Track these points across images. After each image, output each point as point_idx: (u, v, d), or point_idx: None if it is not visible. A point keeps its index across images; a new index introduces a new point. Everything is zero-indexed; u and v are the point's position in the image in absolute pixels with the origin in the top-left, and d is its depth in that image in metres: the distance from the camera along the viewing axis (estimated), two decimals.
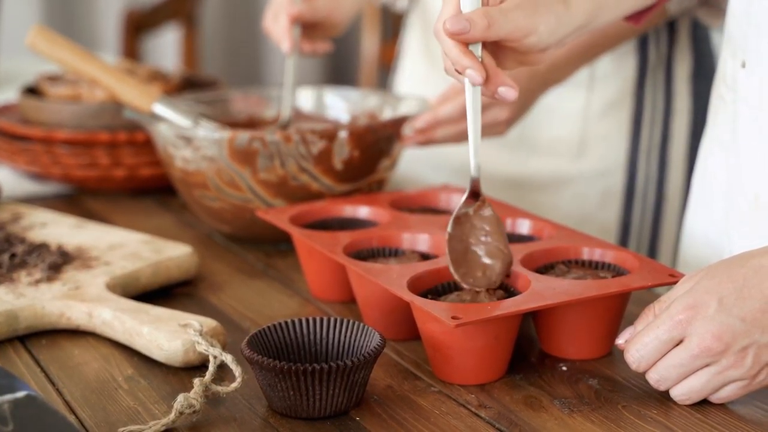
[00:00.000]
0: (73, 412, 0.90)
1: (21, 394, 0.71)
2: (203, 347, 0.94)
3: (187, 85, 1.63)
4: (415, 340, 1.02)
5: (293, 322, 0.93)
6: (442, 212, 1.20)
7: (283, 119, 1.43)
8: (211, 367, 0.91)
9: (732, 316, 0.85)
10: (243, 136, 1.22)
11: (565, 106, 1.54)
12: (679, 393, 0.89)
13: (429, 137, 1.33)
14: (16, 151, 1.51)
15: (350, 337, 0.93)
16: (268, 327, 0.92)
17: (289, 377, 0.86)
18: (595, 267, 1.03)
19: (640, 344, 0.89)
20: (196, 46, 3.20)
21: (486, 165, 1.57)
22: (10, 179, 1.52)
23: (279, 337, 0.93)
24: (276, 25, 1.46)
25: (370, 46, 3.16)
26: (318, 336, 0.93)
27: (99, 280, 1.10)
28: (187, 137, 1.25)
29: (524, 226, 1.13)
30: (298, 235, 1.12)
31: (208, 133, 1.24)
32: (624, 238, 1.56)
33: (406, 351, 1.01)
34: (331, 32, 1.51)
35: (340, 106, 1.47)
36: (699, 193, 1.18)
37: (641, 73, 1.53)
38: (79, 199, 1.51)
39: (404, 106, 1.38)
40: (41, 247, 1.18)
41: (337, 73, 3.84)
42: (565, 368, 0.97)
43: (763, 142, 1.03)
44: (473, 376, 0.94)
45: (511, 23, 0.90)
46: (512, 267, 0.99)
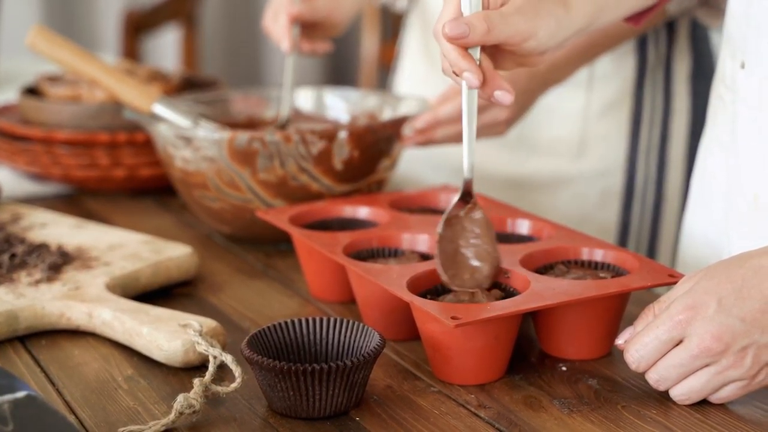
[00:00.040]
0: (73, 412, 0.90)
1: (21, 394, 0.71)
2: (203, 347, 0.94)
3: (187, 86, 1.63)
4: (414, 341, 1.02)
5: (293, 322, 0.93)
6: (441, 212, 1.20)
7: (281, 118, 1.43)
8: (211, 368, 0.91)
9: (731, 317, 0.85)
10: (243, 136, 1.22)
11: (564, 106, 1.54)
12: (679, 393, 0.89)
13: (429, 137, 1.33)
14: (16, 151, 1.51)
15: (350, 337, 0.93)
16: (268, 327, 0.92)
17: (289, 377, 0.86)
18: (594, 267, 1.03)
19: (640, 344, 0.89)
20: (196, 46, 3.20)
21: (485, 165, 1.57)
22: (10, 179, 1.52)
23: (279, 337, 0.93)
24: (276, 25, 1.46)
25: (369, 46, 3.16)
26: (318, 336, 0.93)
27: (99, 280, 1.10)
28: (187, 137, 1.25)
29: (524, 227, 1.13)
30: (298, 236, 1.12)
31: (208, 134, 1.24)
32: (623, 238, 1.56)
33: (406, 351, 1.01)
34: (330, 32, 1.51)
35: (339, 106, 1.47)
36: (698, 193, 1.18)
37: (640, 74, 1.53)
38: (79, 200, 1.51)
39: (404, 107, 1.38)
40: (41, 248, 1.18)
41: (337, 73, 3.84)
42: (564, 368, 0.97)
43: (762, 142, 1.03)
44: (473, 376, 0.94)
45: (511, 28, 0.90)
46: (512, 267, 0.99)
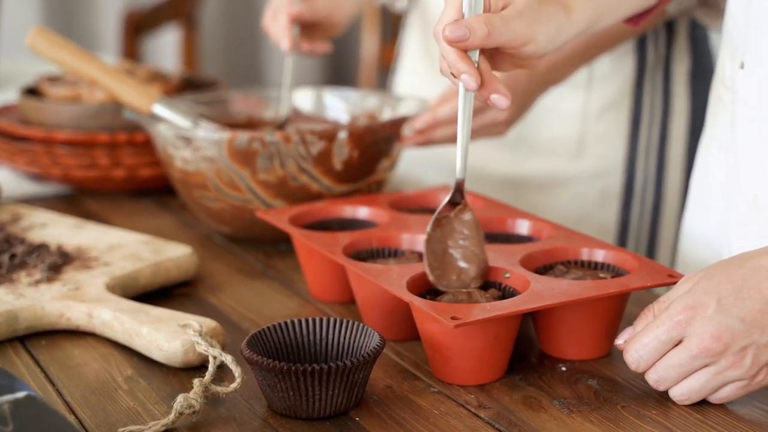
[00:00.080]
0: (72, 412, 0.90)
1: (21, 394, 0.71)
2: (203, 348, 0.94)
3: (187, 86, 1.63)
4: (414, 341, 1.02)
5: (293, 322, 0.93)
6: None
7: (280, 118, 1.43)
8: (211, 368, 0.91)
9: (731, 317, 0.85)
10: (242, 136, 1.22)
11: (563, 106, 1.54)
12: (679, 393, 0.89)
13: (428, 138, 1.33)
14: (16, 151, 1.51)
15: (350, 338, 0.93)
16: (268, 327, 0.93)
17: (289, 377, 0.86)
18: (594, 267, 1.04)
19: (640, 344, 0.89)
20: (196, 46, 3.20)
21: (485, 165, 1.57)
22: (10, 180, 1.52)
23: (279, 337, 0.93)
24: (275, 25, 1.46)
25: (369, 46, 3.16)
26: (318, 336, 0.93)
27: (99, 280, 1.10)
28: (187, 138, 1.25)
29: (523, 227, 1.13)
30: (298, 236, 1.12)
31: (208, 134, 1.24)
32: (622, 238, 1.56)
33: (406, 351, 1.01)
34: (330, 32, 1.51)
35: (339, 106, 1.47)
36: (698, 193, 1.18)
37: (640, 74, 1.53)
38: (78, 200, 1.51)
39: (403, 107, 1.38)
40: (41, 248, 1.18)
41: (337, 73, 3.84)
42: (564, 368, 0.97)
43: (761, 142, 1.03)
44: (473, 376, 0.94)
45: (511, 32, 0.90)
46: (512, 267, 0.99)
